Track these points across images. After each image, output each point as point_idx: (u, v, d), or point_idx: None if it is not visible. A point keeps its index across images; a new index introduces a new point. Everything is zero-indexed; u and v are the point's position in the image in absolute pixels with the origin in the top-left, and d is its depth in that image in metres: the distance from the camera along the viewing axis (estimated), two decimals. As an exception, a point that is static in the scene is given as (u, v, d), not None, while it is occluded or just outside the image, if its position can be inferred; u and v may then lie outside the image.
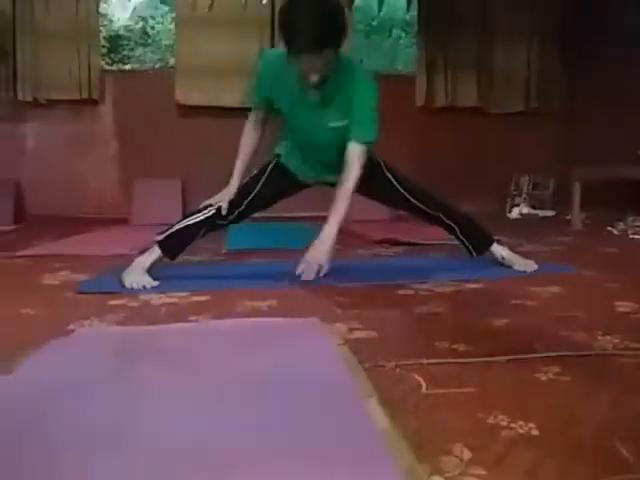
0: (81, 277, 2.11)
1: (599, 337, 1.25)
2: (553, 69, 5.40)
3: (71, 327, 1.40)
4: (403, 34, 10.18)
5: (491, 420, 0.83)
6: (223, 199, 1.95)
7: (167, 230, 1.97)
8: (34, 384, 0.98)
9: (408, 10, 5.71)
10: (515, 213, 5.11)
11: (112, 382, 0.99)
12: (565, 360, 1.09)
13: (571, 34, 5.23)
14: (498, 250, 2.17)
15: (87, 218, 4.48)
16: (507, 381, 1.00)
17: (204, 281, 2.02)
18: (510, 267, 2.14)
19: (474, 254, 2.17)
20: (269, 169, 2.05)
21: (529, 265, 2.13)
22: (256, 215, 2.11)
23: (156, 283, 1.89)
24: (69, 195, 4.85)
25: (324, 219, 1.85)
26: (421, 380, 1.00)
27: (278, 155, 2.06)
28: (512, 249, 2.26)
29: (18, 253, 2.76)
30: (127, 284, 1.86)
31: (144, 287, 1.85)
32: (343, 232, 3.82)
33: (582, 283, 1.96)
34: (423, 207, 2.07)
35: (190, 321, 1.46)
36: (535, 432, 0.79)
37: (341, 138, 1.81)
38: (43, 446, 0.74)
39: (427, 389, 0.96)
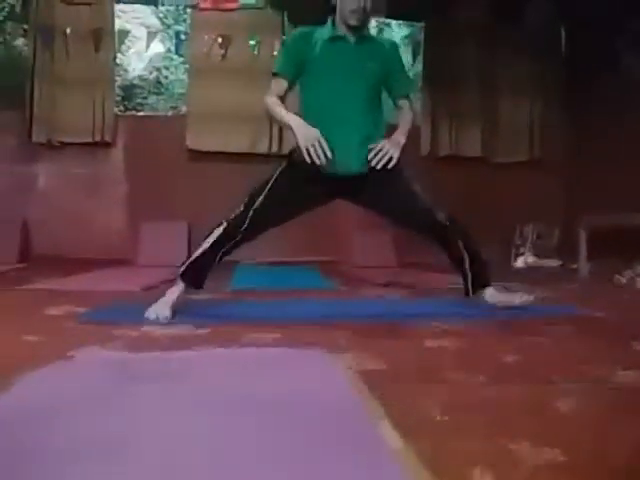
0: (84, 310, 2.08)
1: (619, 372, 1.20)
2: (556, 120, 5.52)
3: (71, 353, 1.36)
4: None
5: (513, 446, 0.78)
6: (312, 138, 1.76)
7: (186, 261, 1.97)
8: (30, 402, 0.94)
9: (413, 64, 5.92)
10: (520, 262, 5.07)
11: (111, 401, 0.95)
12: (586, 391, 1.05)
13: (572, 85, 5.38)
14: (493, 294, 2.04)
15: (92, 259, 4.46)
16: (526, 409, 0.96)
17: (207, 316, 1.98)
18: (509, 307, 2.02)
19: (471, 292, 2.04)
20: (278, 172, 1.96)
21: (525, 297, 2.04)
22: (261, 260, 2.06)
23: (168, 317, 1.85)
24: (75, 236, 4.87)
25: (328, 263, 1.83)
26: (436, 406, 0.95)
27: (291, 152, 1.98)
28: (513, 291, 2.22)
29: (22, 287, 2.74)
30: (146, 314, 1.85)
31: (158, 318, 1.83)
32: (349, 276, 3.80)
33: (594, 323, 1.92)
34: (450, 235, 1.96)
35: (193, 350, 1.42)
36: (562, 458, 0.74)
37: (371, 94, 1.92)
38: (35, 462, 0.70)
39: (442, 415, 0.92)
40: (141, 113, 7.36)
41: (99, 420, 0.86)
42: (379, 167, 1.84)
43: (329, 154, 1.76)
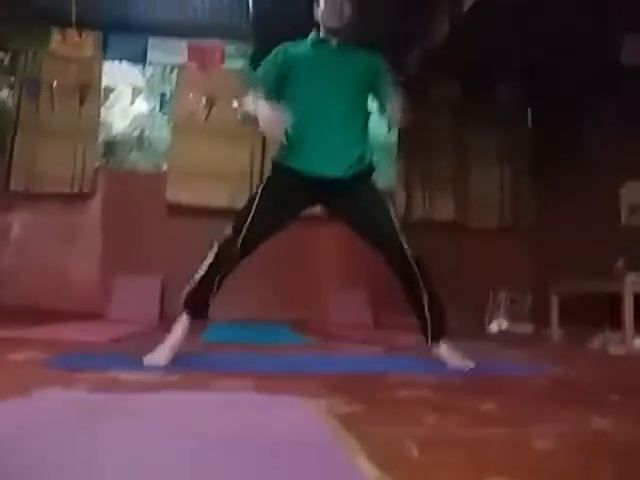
0: (48, 356, 1.99)
1: (596, 419, 1.20)
2: (524, 188, 5.77)
3: (31, 393, 1.29)
4: (382, 158, 10.91)
5: (491, 480, 0.76)
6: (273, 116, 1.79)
7: (186, 290, 1.92)
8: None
9: (389, 133, 6.17)
10: (494, 327, 5.11)
11: (67, 435, 0.89)
12: (563, 434, 1.04)
13: (540, 156, 5.67)
14: (446, 350, 2.00)
15: (63, 311, 4.32)
16: (503, 448, 0.94)
17: (176, 363, 1.91)
18: (446, 363, 1.98)
19: (429, 341, 2.00)
20: (262, 184, 1.97)
21: (467, 362, 1.98)
22: (234, 315, 2.01)
23: (167, 361, 1.82)
24: (47, 287, 4.73)
25: (303, 321, 1.81)
26: (412, 444, 0.93)
27: (273, 161, 2.00)
28: (491, 355, 2.20)
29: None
30: (145, 361, 1.80)
31: (159, 363, 1.79)
32: (324, 333, 3.75)
33: (568, 380, 1.92)
34: (410, 259, 1.92)
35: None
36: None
37: (355, 96, 1.96)
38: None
39: (419, 453, 0.89)
40: (122, 168, 7.43)
41: (52, 453, 0.81)
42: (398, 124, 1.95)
43: (288, 123, 1.79)
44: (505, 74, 5.42)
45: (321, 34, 2.01)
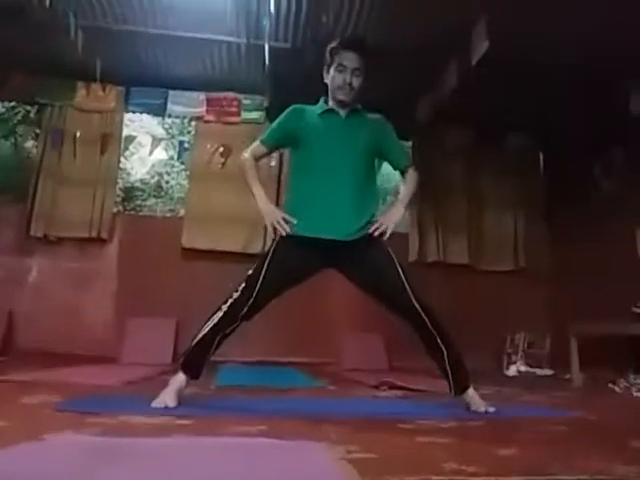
0: (60, 400, 1.98)
1: (619, 466, 1.15)
2: (538, 232, 5.74)
3: (43, 437, 1.28)
4: (396, 201, 11.00)
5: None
6: (276, 216, 1.96)
7: (184, 355, 1.99)
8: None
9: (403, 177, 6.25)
10: (512, 371, 4.97)
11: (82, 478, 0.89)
12: (585, 484, 1.00)
13: (553, 201, 5.68)
14: (472, 396, 2.00)
15: (76, 354, 4.32)
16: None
17: (190, 407, 1.89)
18: (469, 407, 1.98)
19: (454, 392, 2.00)
20: (272, 248, 2.01)
21: (490, 408, 1.96)
22: (248, 359, 2.03)
23: (175, 404, 1.86)
24: (61, 330, 4.75)
25: (317, 365, 1.81)
26: (429, 494, 0.90)
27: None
28: (511, 399, 2.15)
29: (-3, 378, 2.62)
30: (153, 404, 1.84)
31: (166, 406, 1.83)
32: (339, 377, 3.69)
33: (590, 424, 1.86)
34: (423, 316, 1.94)
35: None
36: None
37: (362, 163, 2.01)
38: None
39: (437, 501, 0.86)
40: (139, 213, 7.61)
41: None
42: (375, 235, 1.95)
43: (293, 222, 1.93)
44: (516, 122, 5.51)
45: (330, 103, 2.07)
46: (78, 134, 5.27)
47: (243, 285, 1.94)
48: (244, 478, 0.94)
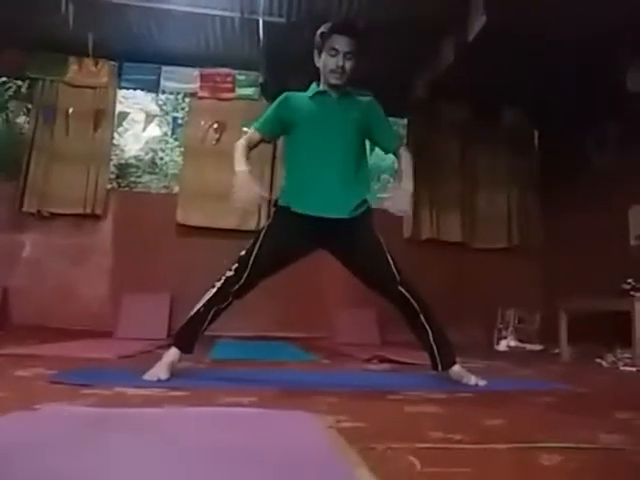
0: (55, 372, 2.00)
1: (602, 435, 1.18)
2: (531, 209, 5.76)
3: (37, 407, 1.30)
4: (391, 179, 10.99)
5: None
6: (250, 188, 1.88)
7: (179, 329, 2.02)
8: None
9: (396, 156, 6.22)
10: (503, 346, 5.05)
11: (73, 448, 0.90)
12: (569, 451, 1.02)
13: (546, 177, 5.69)
14: (458, 371, 2.05)
15: (72, 329, 4.36)
16: (510, 463, 0.93)
17: (182, 379, 1.91)
18: (459, 381, 2.02)
19: (440, 368, 2.05)
20: (264, 229, 2.03)
21: (480, 381, 2.00)
22: (242, 334, 2.05)
23: (167, 377, 1.88)
24: (56, 305, 4.77)
25: (310, 339, 1.82)
26: (415, 460, 0.92)
27: (276, 206, 2.05)
28: (500, 373, 2.19)
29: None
30: (144, 376, 1.86)
31: (158, 379, 1.84)
32: (331, 351, 3.73)
33: (577, 397, 1.89)
34: (407, 295, 2.00)
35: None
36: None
37: (354, 142, 2.02)
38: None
39: (422, 468, 0.88)
40: (134, 190, 7.57)
41: (56, 467, 0.81)
42: (396, 213, 1.94)
43: (264, 195, 1.94)
44: (511, 98, 5.48)
45: (322, 86, 2.07)
46: (71, 110, 5.21)
47: (236, 264, 1.97)
48: (234, 446, 0.96)
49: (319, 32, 2.02)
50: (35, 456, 0.84)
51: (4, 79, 6.80)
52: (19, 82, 6.72)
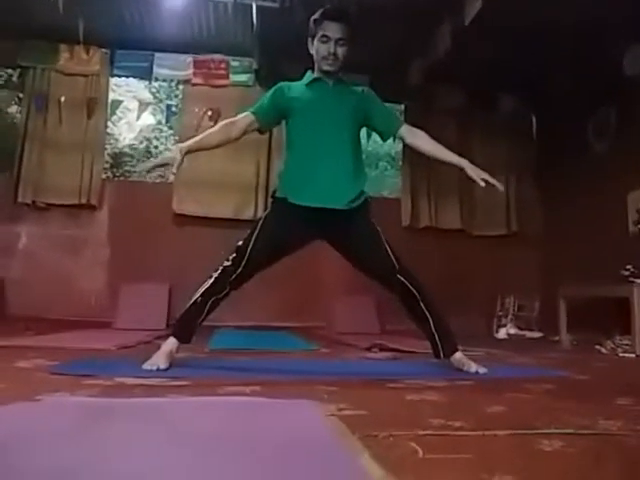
0: (55, 363, 2.00)
1: (601, 421, 1.19)
2: (530, 196, 5.76)
3: (39, 397, 1.30)
4: (389, 167, 10.96)
5: None
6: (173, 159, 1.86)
7: (177, 319, 2.03)
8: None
9: (394, 142, 6.20)
10: (502, 333, 5.07)
11: (74, 438, 0.90)
12: (568, 437, 1.03)
13: (544, 164, 5.66)
14: (459, 358, 2.06)
15: (70, 320, 4.35)
16: (510, 449, 0.93)
17: (183, 369, 1.92)
18: (461, 369, 2.03)
19: (442, 355, 2.05)
20: (262, 219, 2.03)
21: (481, 369, 2.01)
22: (241, 324, 2.05)
23: (166, 366, 1.87)
24: (53, 297, 4.76)
25: (310, 329, 1.81)
26: (417, 447, 0.92)
27: (274, 197, 2.05)
28: (500, 360, 2.20)
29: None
30: (144, 366, 1.86)
31: (157, 369, 1.84)
32: (331, 340, 3.75)
33: (576, 384, 1.91)
34: (407, 283, 2.00)
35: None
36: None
37: (351, 130, 2.01)
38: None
39: (424, 455, 0.89)
40: (129, 179, 7.51)
41: (60, 456, 0.81)
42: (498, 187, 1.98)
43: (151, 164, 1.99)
44: (509, 84, 5.44)
45: (316, 74, 2.05)
46: (63, 99, 5.15)
47: (234, 254, 1.96)
48: (237, 434, 0.96)
49: (312, 19, 2.01)
50: (38, 447, 0.84)
51: (-5, 68, 6.71)
52: (9, 71, 6.63)
